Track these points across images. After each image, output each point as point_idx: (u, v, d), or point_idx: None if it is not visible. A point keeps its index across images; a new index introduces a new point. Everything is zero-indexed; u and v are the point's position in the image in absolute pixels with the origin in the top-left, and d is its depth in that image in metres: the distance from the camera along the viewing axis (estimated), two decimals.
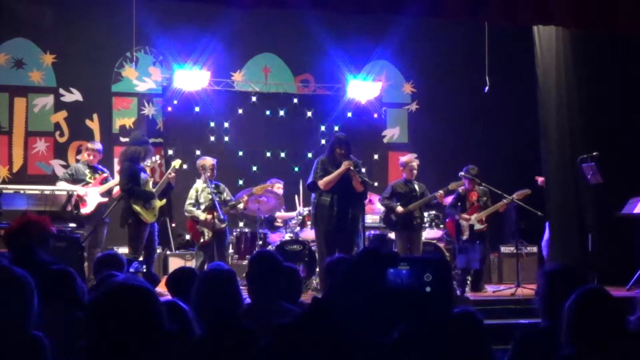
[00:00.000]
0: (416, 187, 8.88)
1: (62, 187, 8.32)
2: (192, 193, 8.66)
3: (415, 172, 8.87)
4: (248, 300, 3.78)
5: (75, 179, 8.58)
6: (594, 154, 8.65)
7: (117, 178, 8.69)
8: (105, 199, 8.55)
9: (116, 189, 8.55)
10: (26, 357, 2.40)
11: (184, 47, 10.46)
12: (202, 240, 8.50)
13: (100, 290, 2.01)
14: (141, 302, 1.93)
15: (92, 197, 8.44)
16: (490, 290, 9.02)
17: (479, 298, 8.24)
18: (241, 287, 3.47)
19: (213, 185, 8.57)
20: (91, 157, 8.75)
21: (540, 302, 3.22)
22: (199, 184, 8.66)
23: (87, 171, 8.66)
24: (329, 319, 1.59)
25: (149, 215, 8.03)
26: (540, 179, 9.48)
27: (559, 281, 3.16)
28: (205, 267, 7.75)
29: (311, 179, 7.93)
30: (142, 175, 8.22)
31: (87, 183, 8.55)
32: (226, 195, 8.82)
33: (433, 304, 1.64)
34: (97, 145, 8.99)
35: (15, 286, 2.35)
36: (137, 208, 7.96)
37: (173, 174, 8.45)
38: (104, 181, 8.65)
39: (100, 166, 8.88)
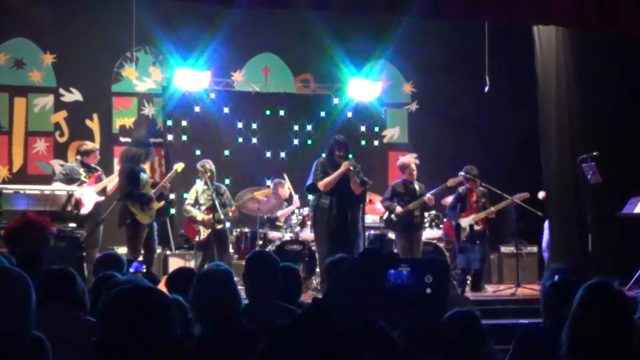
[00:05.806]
0: (416, 187, 8.88)
1: (61, 187, 8.25)
2: (192, 193, 8.67)
3: (415, 173, 8.88)
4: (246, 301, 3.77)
5: (70, 178, 8.42)
6: (594, 154, 8.66)
7: (111, 176, 8.65)
8: (102, 198, 8.46)
9: (110, 186, 8.51)
10: (26, 358, 2.40)
11: (184, 47, 10.45)
12: (197, 239, 8.50)
13: (121, 288, 2.00)
14: (161, 305, 1.92)
15: (89, 196, 8.30)
16: (490, 290, 9.02)
17: (479, 298, 8.24)
18: (240, 287, 3.47)
19: (214, 187, 8.54)
20: (95, 159, 8.69)
21: (543, 301, 3.20)
22: (199, 185, 8.65)
23: (81, 170, 8.51)
24: (329, 319, 1.59)
25: (145, 217, 7.98)
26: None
27: (564, 281, 3.13)
28: (205, 267, 7.73)
29: (311, 180, 7.93)
30: (143, 176, 8.19)
31: (82, 182, 8.42)
32: (226, 197, 8.79)
33: (433, 305, 1.64)
34: (97, 146, 9.02)
35: (13, 286, 2.34)
36: (134, 209, 7.92)
37: (169, 184, 8.43)
38: (98, 179, 8.55)
39: (93, 164, 8.75)
